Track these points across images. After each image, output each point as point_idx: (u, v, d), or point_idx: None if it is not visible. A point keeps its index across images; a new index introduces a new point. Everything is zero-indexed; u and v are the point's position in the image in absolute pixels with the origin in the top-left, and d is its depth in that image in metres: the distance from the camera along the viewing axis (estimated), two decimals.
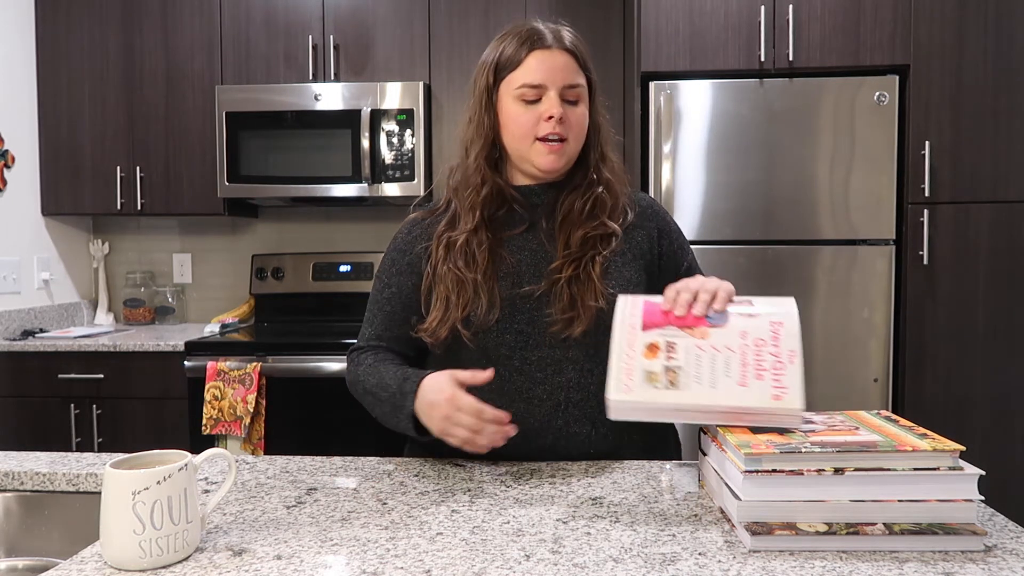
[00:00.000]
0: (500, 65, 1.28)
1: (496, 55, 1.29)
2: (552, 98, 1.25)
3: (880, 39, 2.56)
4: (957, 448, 0.91)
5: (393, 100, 3.04)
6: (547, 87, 1.26)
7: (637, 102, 2.69)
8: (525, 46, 1.26)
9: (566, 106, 1.27)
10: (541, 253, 1.30)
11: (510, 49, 1.27)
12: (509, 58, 1.27)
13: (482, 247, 1.27)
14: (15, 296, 3.12)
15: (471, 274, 1.26)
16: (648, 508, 1.04)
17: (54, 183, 3.26)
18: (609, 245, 1.29)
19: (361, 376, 1.32)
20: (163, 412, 2.88)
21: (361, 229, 3.48)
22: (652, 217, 1.38)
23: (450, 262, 1.28)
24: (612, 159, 1.35)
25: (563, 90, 1.26)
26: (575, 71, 1.28)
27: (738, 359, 1.05)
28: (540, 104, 1.26)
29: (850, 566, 0.85)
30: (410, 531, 0.96)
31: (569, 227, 1.29)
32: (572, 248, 1.28)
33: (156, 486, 0.86)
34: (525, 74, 1.26)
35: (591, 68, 1.32)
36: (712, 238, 2.61)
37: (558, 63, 1.26)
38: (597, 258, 1.27)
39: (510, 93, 1.27)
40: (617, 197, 1.32)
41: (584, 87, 1.29)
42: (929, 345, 2.58)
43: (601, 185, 1.31)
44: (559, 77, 1.26)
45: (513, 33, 1.29)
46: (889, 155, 2.58)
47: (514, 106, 1.27)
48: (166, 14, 3.19)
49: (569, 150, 1.29)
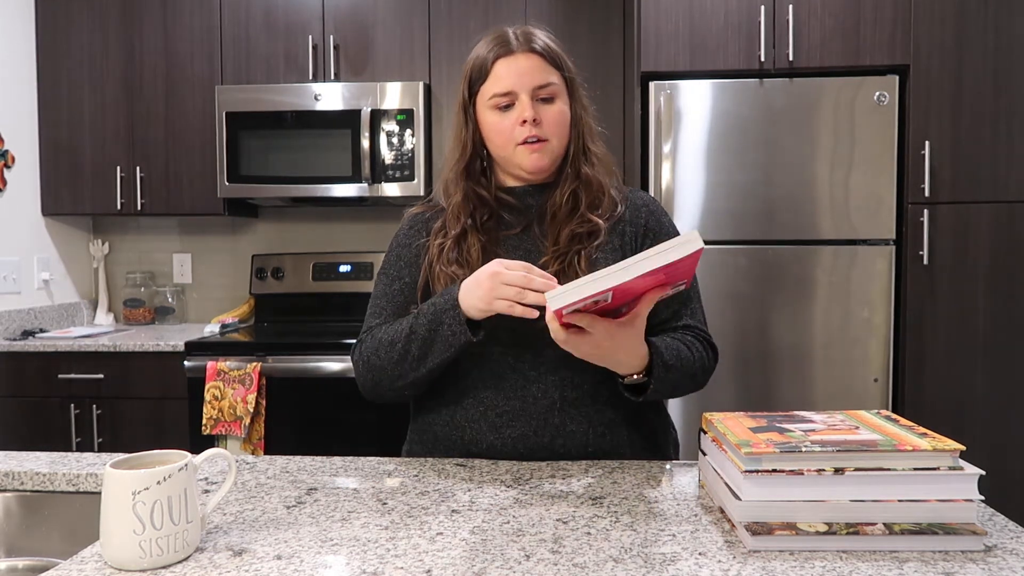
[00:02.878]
0: (472, 78, 1.32)
1: (468, 68, 1.33)
2: (524, 102, 1.27)
3: (880, 39, 2.56)
4: (957, 448, 0.91)
5: (393, 100, 3.04)
6: (517, 91, 1.28)
7: (637, 102, 2.69)
8: (491, 55, 1.30)
9: (541, 106, 1.28)
10: (536, 253, 1.31)
11: (479, 61, 1.32)
12: (479, 70, 1.31)
13: (475, 248, 1.29)
14: (15, 296, 3.12)
15: (464, 272, 1.25)
16: (648, 508, 1.04)
17: (54, 183, 3.26)
18: (594, 240, 1.29)
19: (375, 345, 1.28)
20: (163, 412, 2.88)
21: (361, 229, 3.48)
22: (645, 215, 1.36)
23: (443, 263, 1.29)
24: (594, 151, 1.35)
25: (534, 91, 1.28)
26: (544, 70, 1.29)
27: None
28: (514, 110, 1.28)
29: (850, 566, 0.85)
30: (410, 531, 0.96)
31: (557, 225, 1.30)
32: (560, 245, 1.28)
33: (156, 486, 0.86)
34: (494, 83, 1.29)
35: (565, 64, 1.33)
36: (712, 238, 2.61)
37: (523, 67, 1.28)
38: (583, 253, 1.27)
39: (485, 104, 1.31)
40: (600, 189, 1.33)
41: (558, 84, 1.30)
42: (929, 344, 2.58)
43: (579, 181, 1.32)
44: (527, 80, 1.28)
45: (484, 41, 1.33)
46: (889, 155, 2.58)
47: (491, 116, 1.30)
48: (166, 14, 3.19)
49: (552, 148, 1.30)
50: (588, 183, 1.32)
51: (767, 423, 1.03)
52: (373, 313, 1.36)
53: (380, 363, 1.28)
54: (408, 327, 1.24)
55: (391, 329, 1.28)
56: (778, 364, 2.62)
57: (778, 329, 2.61)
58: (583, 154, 1.34)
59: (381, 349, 1.27)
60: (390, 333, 1.27)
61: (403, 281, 1.36)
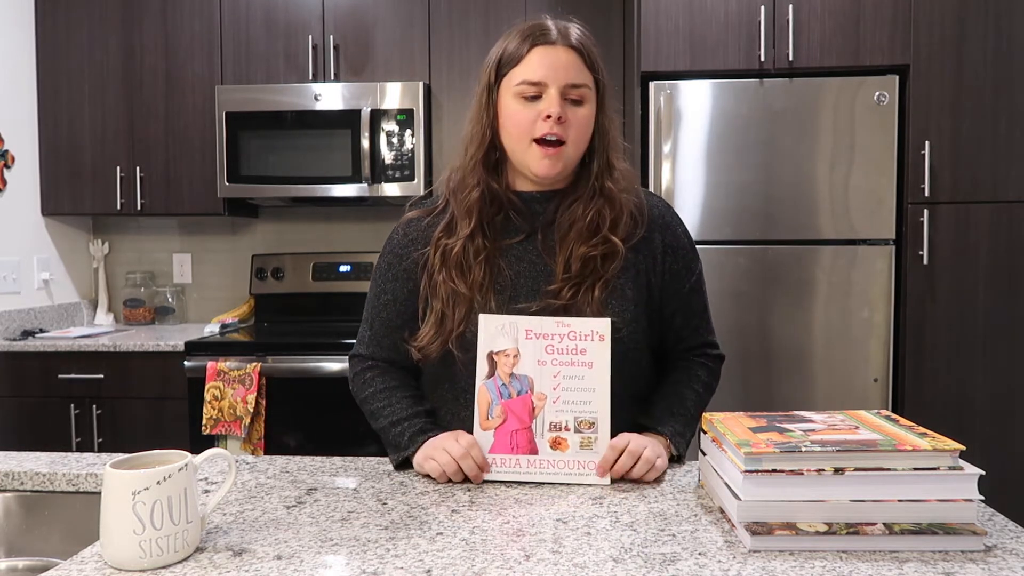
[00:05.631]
0: (502, 61, 1.23)
1: (500, 51, 1.25)
2: (552, 96, 1.20)
3: (880, 39, 2.56)
4: (957, 448, 0.91)
5: (393, 100, 3.04)
6: (547, 84, 1.20)
7: (637, 102, 2.69)
8: (527, 41, 1.21)
9: (568, 106, 1.21)
10: (540, 266, 1.26)
11: (513, 45, 1.23)
12: (511, 54, 1.22)
13: (479, 257, 1.24)
14: (15, 296, 3.12)
15: (466, 290, 1.23)
16: (648, 508, 1.04)
17: (54, 183, 3.26)
18: (611, 264, 1.23)
19: (370, 399, 1.32)
20: (163, 412, 2.88)
21: (361, 229, 3.47)
22: (662, 229, 1.31)
23: (445, 273, 1.24)
24: (619, 168, 1.27)
25: (565, 88, 1.20)
26: (580, 69, 1.22)
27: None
28: (540, 102, 1.20)
29: (850, 566, 0.85)
30: (410, 531, 0.96)
31: (570, 244, 1.23)
32: (572, 270, 1.22)
33: (156, 486, 0.86)
34: (525, 70, 1.21)
35: (600, 68, 1.25)
36: (712, 238, 2.61)
37: (561, 60, 1.21)
38: (597, 284, 1.22)
39: (510, 90, 1.22)
40: (622, 209, 1.25)
41: (590, 88, 1.23)
42: (929, 345, 2.58)
43: (604, 198, 1.24)
44: (561, 75, 1.20)
45: (518, 29, 1.25)
46: (889, 155, 2.58)
47: (513, 103, 1.22)
48: (166, 14, 3.18)
49: (567, 155, 1.23)
50: (611, 201, 1.24)
51: (767, 423, 1.03)
52: (366, 320, 1.37)
53: (362, 407, 1.35)
54: (374, 411, 1.30)
55: (382, 399, 1.30)
56: (778, 364, 2.62)
57: (778, 329, 2.61)
58: (608, 170, 1.26)
59: (367, 409, 1.33)
60: (370, 394, 1.33)
61: (387, 297, 1.33)
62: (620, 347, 1.19)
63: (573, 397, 1.16)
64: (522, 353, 1.16)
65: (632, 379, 1.28)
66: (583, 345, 1.16)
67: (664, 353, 1.38)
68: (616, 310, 1.23)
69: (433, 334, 1.25)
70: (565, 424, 1.15)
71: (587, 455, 1.15)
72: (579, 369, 1.16)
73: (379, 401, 1.30)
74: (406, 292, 1.31)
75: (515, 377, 1.16)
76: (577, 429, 1.15)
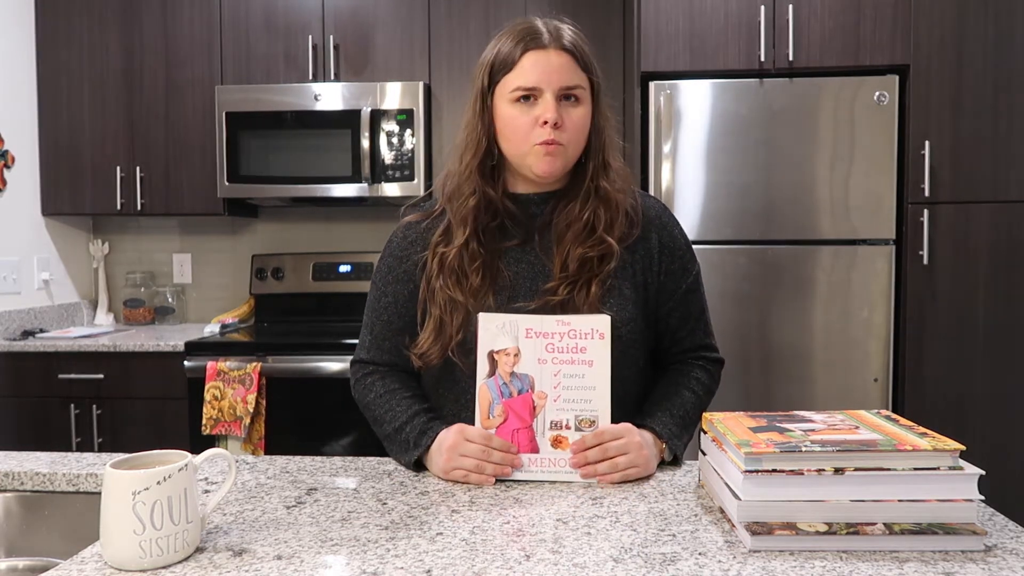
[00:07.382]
0: (495, 67, 1.23)
1: (491, 56, 1.24)
2: (548, 101, 1.19)
3: (880, 39, 2.56)
4: (957, 447, 0.91)
5: (393, 100, 3.04)
6: (542, 89, 1.19)
7: (637, 102, 2.69)
8: (520, 46, 1.20)
9: (564, 108, 1.21)
10: (538, 267, 1.26)
11: (505, 49, 1.22)
12: (504, 59, 1.22)
13: (475, 264, 1.24)
14: (15, 296, 3.12)
15: (463, 298, 1.23)
16: (648, 508, 1.04)
17: (54, 183, 3.26)
18: (607, 264, 1.23)
19: (371, 404, 1.32)
20: (163, 412, 2.88)
21: (361, 229, 3.48)
22: (658, 229, 1.31)
23: (442, 280, 1.25)
24: (614, 166, 1.27)
25: (560, 92, 1.20)
26: (573, 71, 1.21)
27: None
28: (536, 107, 1.20)
29: (850, 566, 0.85)
30: (410, 531, 0.96)
31: (567, 245, 1.24)
32: (569, 270, 1.23)
33: (156, 486, 0.86)
34: (519, 76, 1.20)
35: (593, 68, 1.24)
36: (712, 238, 2.61)
37: (554, 64, 1.20)
38: (594, 282, 1.22)
39: (505, 96, 1.22)
40: (618, 209, 1.25)
41: (584, 88, 1.23)
42: (929, 345, 2.58)
43: (600, 199, 1.25)
44: (555, 79, 1.19)
45: (510, 32, 1.24)
46: (889, 155, 2.58)
47: (509, 109, 1.21)
48: (166, 14, 3.18)
49: (567, 153, 1.23)
50: (607, 201, 1.25)
51: (767, 423, 1.03)
52: (366, 324, 1.37)
53: (365, 414, 1.35)
54: (391, 427, 1.27)
55: (385, 405, 1.30)
56: (778, 364, 2.62)
57: (778, 329, 2.61)
58: (603, 169, 1.26)
59: (370, 415, 1.33)
60: (372, 399, 1.32)
61: (387, 299, 1.33)
62: (618, 346, 1.19)
63: (574, 395, 1.16)
64: (522, 352, 1.17)
65: (629, 380, 1.28)
66: (583, 343, 1.16)
67: (661, 356, 1.37)
68: (614, 308, 1.23)
69: (432, 340, 1.25)
70: (566, 422, 1.15)
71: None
72: (580, 367, 1.16)
73: (380, 408, 1.30)
74: (407, 294, 1.31)
75: (516, 376, 1.16)
76: (578, 427, 1.15)
